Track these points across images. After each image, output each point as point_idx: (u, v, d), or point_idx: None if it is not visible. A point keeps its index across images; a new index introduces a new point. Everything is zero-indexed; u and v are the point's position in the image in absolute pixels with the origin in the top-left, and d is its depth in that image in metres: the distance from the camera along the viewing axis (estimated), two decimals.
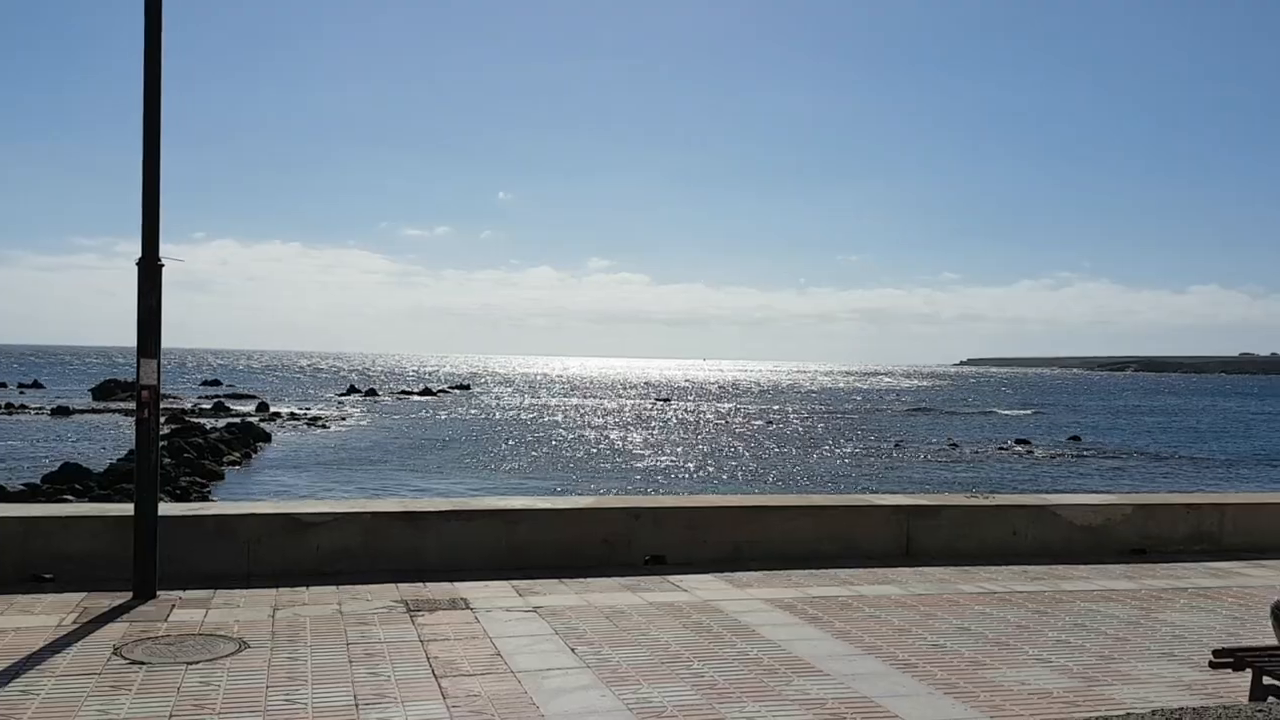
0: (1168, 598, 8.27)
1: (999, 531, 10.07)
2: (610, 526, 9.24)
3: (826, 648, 6.55)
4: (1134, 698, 5.61)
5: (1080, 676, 6.05)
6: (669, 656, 6.25)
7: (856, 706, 5.41)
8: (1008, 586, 8.56)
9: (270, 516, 8.65)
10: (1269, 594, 8.38)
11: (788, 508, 10.13)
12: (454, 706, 5.27)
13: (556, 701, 5.37)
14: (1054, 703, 5.54)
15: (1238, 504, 11.09)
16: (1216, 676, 5.54)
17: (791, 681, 5.81)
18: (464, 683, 5.66)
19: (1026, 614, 7.62)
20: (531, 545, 8.93)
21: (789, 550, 9.46)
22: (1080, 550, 10.04)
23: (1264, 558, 10.05)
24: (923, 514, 10.04)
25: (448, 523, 8.86)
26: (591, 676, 5.81)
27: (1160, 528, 10.41)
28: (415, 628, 6.81)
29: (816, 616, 7.37)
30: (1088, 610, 7.77)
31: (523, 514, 9.12)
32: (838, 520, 9.88)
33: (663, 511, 9.57)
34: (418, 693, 5.49)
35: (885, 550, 9.75)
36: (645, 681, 5.73)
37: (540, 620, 7.07)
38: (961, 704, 5.49)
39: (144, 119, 7.46)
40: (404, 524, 8.78)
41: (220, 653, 6.17)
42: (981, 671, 6.11)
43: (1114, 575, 9.13)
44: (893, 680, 5.89)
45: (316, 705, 5.29)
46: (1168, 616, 7.62)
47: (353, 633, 6.66)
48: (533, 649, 6.35)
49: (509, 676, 5.79)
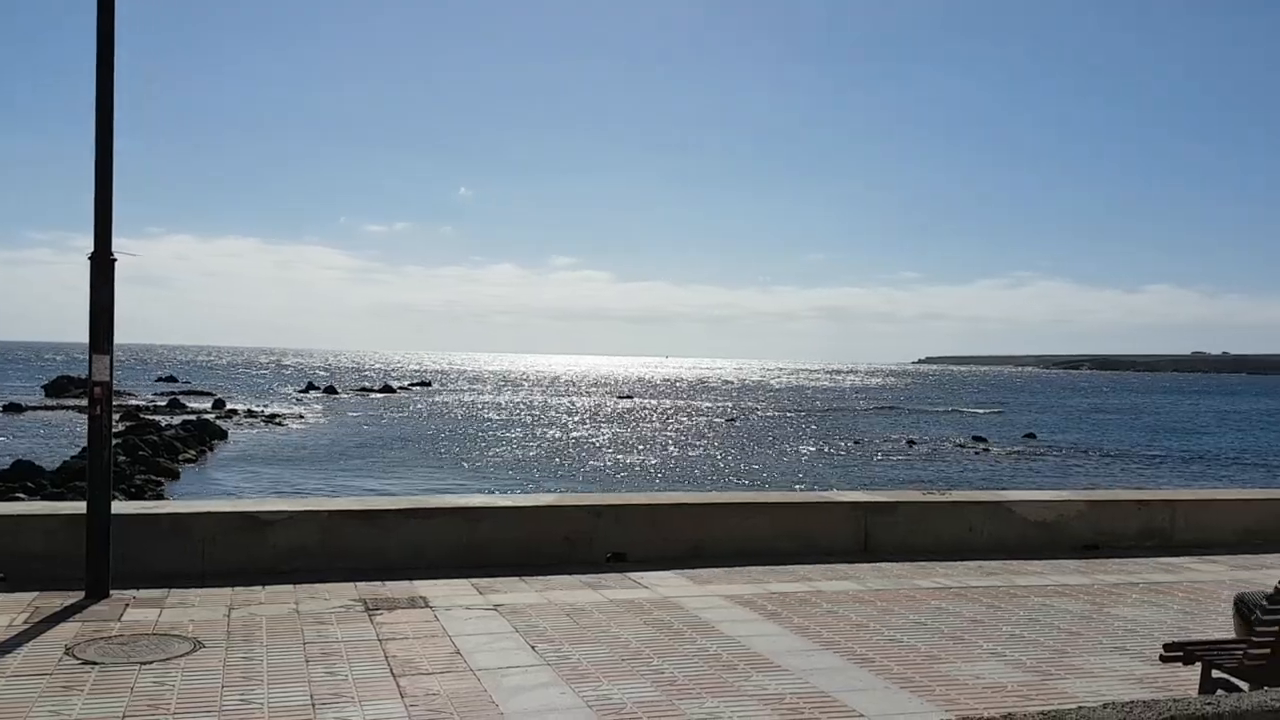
0: (1120, 593, 8.41)
1: (955, 528, 10.20)
2: (572, 524, 9.24)
3: (785, 643, 6.60)
4: (1086, 691, 5.70)
5: (1034, 670, 6.15)
6: (629, 653, 6.26)
7: (814, 701, 5.46)
8: (963, 582, 8.67)
9: (226, 515, 8.56)
10: (1219, 589, 8.57)
11: (748, 505, 10.20)
12: (412, 705, 5.25)
13: (516, 699, 5.37)
14: (1008, 696, 5.62)
15: (1188, 500, 11.30)
16: (1167, 670, 5.64)
17: (750, 677, 5.85)
18: (423, 681, 5.64)
19: (981, 609, 7.72)
20: (492, 543, 8.91)
21: (749, 547, 9.51)
22: (1035, 546, 10.19)
23: (1213, 553, 10.25)
24: (881, 511, 10.14)
25: (407, 521, 8.81)
26: (552, 674, 5.81)
27: (1113, 524, 10.59)
28: (373, 626, 6.77)
29: (776, 612, 7.42)
30: (1041, 605, 7.89)
31: (483, 512, 9.09)
32: (797, 517, 9.95)
33: (624, 509, 9.59)
34: (375, 692, 5.46)
35: (844, 547, 9.83)
36: (605, 679, 5.74)
37: (501, 618, 7.06)
38: (917, 698, 5.55)
39: (96, 112, 7.36)
40: (362, 522, 8.72)
41: (174, 652, 6.10)
42: (937, 665, 6.19)
43: (1067, 570, 9.28)
44: (850, 675, 5.95)
45: (272, 705, 5.24)
46: (1120, 611, 7.75)
47: (310, 632, 6.61)
48: (492, 647, 6.33)
49: (468, 675, 5.77)
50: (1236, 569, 9.47)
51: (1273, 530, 10.90)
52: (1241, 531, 10.88)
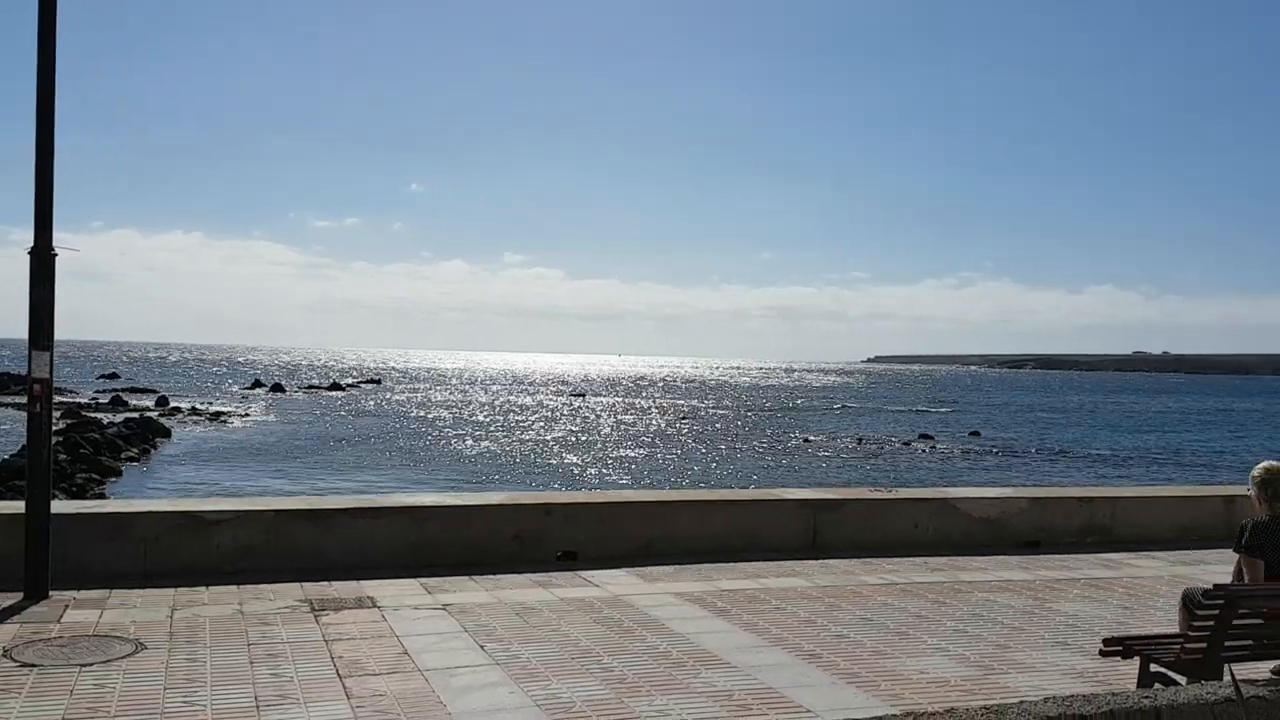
0: (1061, 588, 8.58)
1: (902, 524, 10.33)
2: (522, 523, 9.21)
3: (734, 640, 6.64)
4: (1028, 685, 5.81)
5: (977, 665, 6.25)
6: (579, 652, 6.26)
7: (762, 697, 5.50)
8: (909, 578, 8.79)
9: (169, 514, 8.41)
10: (1158, 584, 8.78)
11: (698, 502, 10.24)
12: (358, 706, 5.20)
13: (464, 699, 5.34)
14: (952, 691, 5.70)
15: (1128, 497, 11.55)
16: (1107, 664, 5.75)
17: (700, 674, 5.87)
18: (369, 682, 5.59)
19: (927, 604, 7.83)
20: (441, 542, 8.85)
21: (699, 544, 9.56)
22: (979, 542, 10.36)
23: (1153, 549, 10.49)
24: (829, 508, 10.24)
25: (354, 520, 8.72)
26: (500, 674, 5.79)
27: (1054, 520, 10.79)
28: (320, 627, 6.70)
29: (725, 609, 7.46)
30: (985, 600, 8.02)
31: (432, 511, 9.03)
32: (747, 514, 10.01)
33: (575, 507, 9.59)
34: (321, 693, 5.40)
35: (793, 544, 9.92)
36: (555, 678, 5.73)
37: (449, 618, 7.02)
38: (863, 693, 5.62)
39: (37, 103, 7.22)
40: (308, 522, 8.62)
41: (115, 654, 5.98)
42: (883, 661, 6.27)
43: (1010, 566, 9.44)
44: (797, 671, 6.00)
45: (216, 707, 5.16)
46: (1061, 606, 7.90)
47: (254, 633, 6.52)
48: (441, 647, 6.30)
49: (416, 675, 5.73)
50: (1175, 565, 9.70)
51: (1210, 527, 11.18)
52: (1180, 528, 11.15)
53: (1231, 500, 11.48)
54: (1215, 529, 11.14)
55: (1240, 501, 11.27)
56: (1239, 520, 11.07)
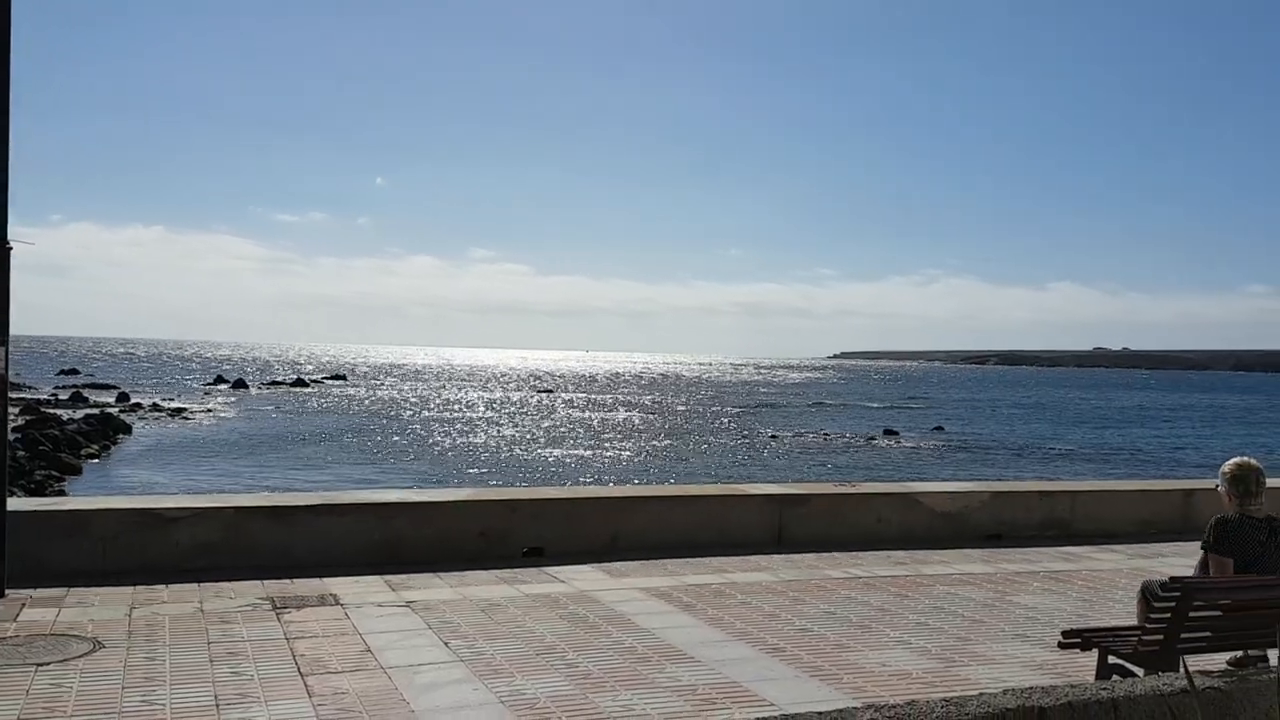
0: (1021, 581, 8.68)
1: (865, 519, 10.40)
2: (487, 519, 9.18)
3: (699, 634, 6.66)
4: (988, 678, 5.87)
5: (938, 657, 6.31)
6: (544, 648, 6.25)
7: (726, 691, 5.52)
8: (872, 571, 8.85)
9: (128, 511, 8.31)
10: (1116, 577, 8.90)
11: (665, 498, 10.25)
12: (320, 705, 5.16)
13: (428, 697, 5.31)
14: (913, 683, 5.75)
15: (1087, 491, 11.70)
16: (1066, 656, 5.83)
17: (664, 669, 5.88)
18: (331, 680, 5.55)
19: (889, 598, 7.89)
20: (405, 539, 8.80)
21: (666, 540, 9.58)
22: (941, 536, 10.45)
23: (1112, 543, 10.63)
24: (794, 503, 10.29)
25: (317, 517, 8.66)
26: (465, 670, 5.76)
27: (1015, 514, 10.91)
28: (281, 625, 6.64)
29: (690, 604, 7.48)
30: (946, 594, 8.10)
31: (396, 508, 8.98)
32: (713, 510, 10.04)
33: (541, 503, 9.57)
34: (282, 691, 5.35)
35: (758, 538, 9.96)
36: (519, 674, 5.72)
37: (413, 615, 6.98)
38: (826, 686, 5.65)
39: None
40: (270, 519, 8.54)
41: (73, 653, 5.90)
42: (846, 654, 6.31)
43: (972, 559, 9.54)
44: (761, 665, 6.03)
45: (175, 706, 5.10)
46: (1021, 599, 7.99)
47: (214, 631, 6.45)
48: (404, 644, 6.26)
49: (379, 673, 5.69)
50: (1134, 558, 9.83)
51: (1168, 520, 11.36)
52: (1138, 522, 11.31)
53: (1190, 494, 11.66)
54: (1173, 523, 11.32)
55: (1199, 496, 11.46)
56: (1197, 514, 11.34)
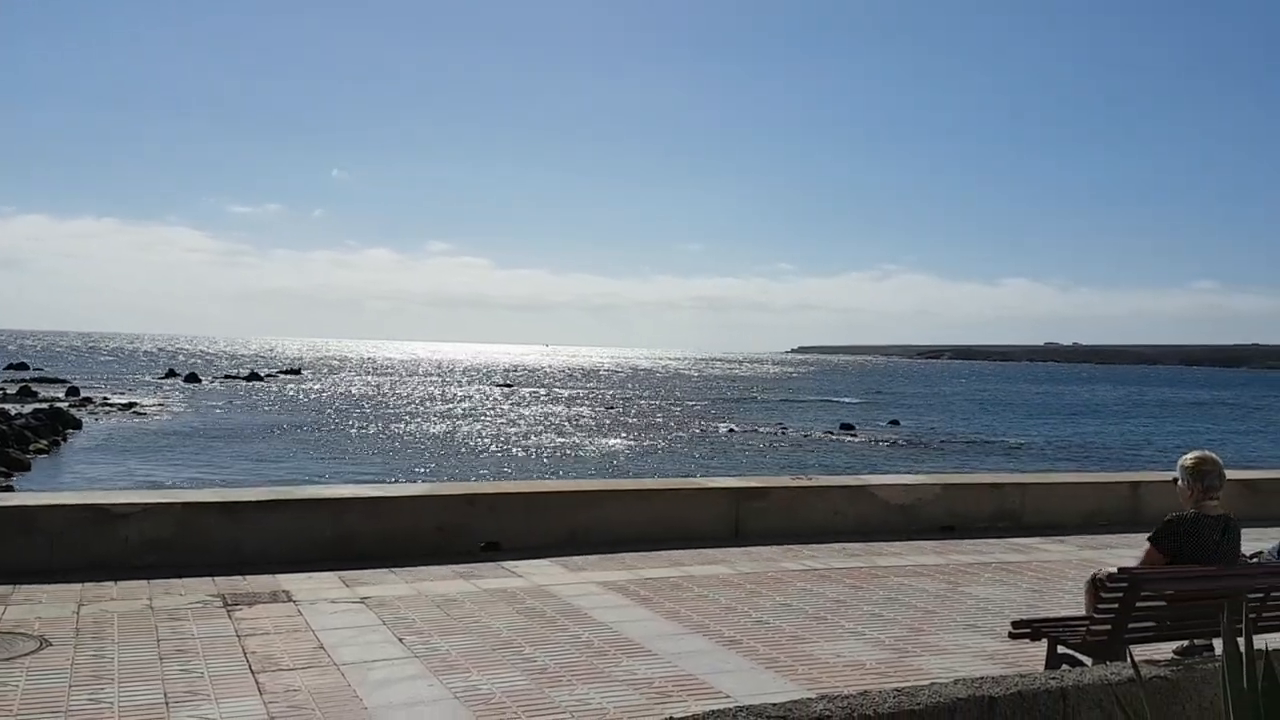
0: (973, 572, 8.79)
1: (822, 511, 10.48)
2: (444, 514, 9.12)
3: (656, 628, 6.67)
4: (940, 668, 5.94)
5: (891, 648, 6.37)
6: (500, 643, 6.23)
7: (682, 684, 5.53)
8: (828, 563, 8.92)
9: (76, 508, 8.16)
10: (1065, 568, 9.04)
11: (623, 492, 10.25)
12: (271, 702, 5.10)
13: (381, 693, 5.27)
14: (867, 674, 5.81)
15: (1037, 484, 11.87)
16: (1016, 646, 5.90)
17: (621, 663, 5.89)
18: (283, 677, 5.48)
19: (844, 589, 7.96)
20: (360, 535, 8.71)
21: (624, 533, 9.57)
22: (895, 528, 10.55)
23: (1061, 534, 10.79)
24: (751, 496, 10.34)
25: (269, 513, 8.55)
26: (419, 666, 5.73)
27: (967, 506, 11.05)
28: (232, 622, 6.55)
29: (648, 598, 7.49)
30: (900, 585, 8.18)
31: (350, 503, 8.89)
32: (671, 504, 10.05)
33: (499, 497, 9.52)
34: (233, 689, 5.28)
35: (716, 532, 9.99)
36: (475, 669, 5.69)
37: (368, 611, 6.91)
38: (781, 678, 5.69)
39: None
40: (221, 514, 8.42)
41: (19, 651, 5.78)
42: (801, 646, 6.35)
43: (925, 551, 9.64)
44: (718, 657, 6.05)
45: (123, 704, 5.02)
46: (973, 590, 8.10)
47: (164, 629, 6.35)
48: (358, 640, 6.21)
49: (332, 669, 5.64)
50: (1083, 549, 9.99)
51: (1115, 512, 11.56)
52: (1087, 513, 11.50)
53: (1137, 486, 11.88)
54: (1121, 514, 11.52)
55: (1146, 488, 11.67)
56: (1145, 506, 11.54)
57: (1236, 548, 5.63)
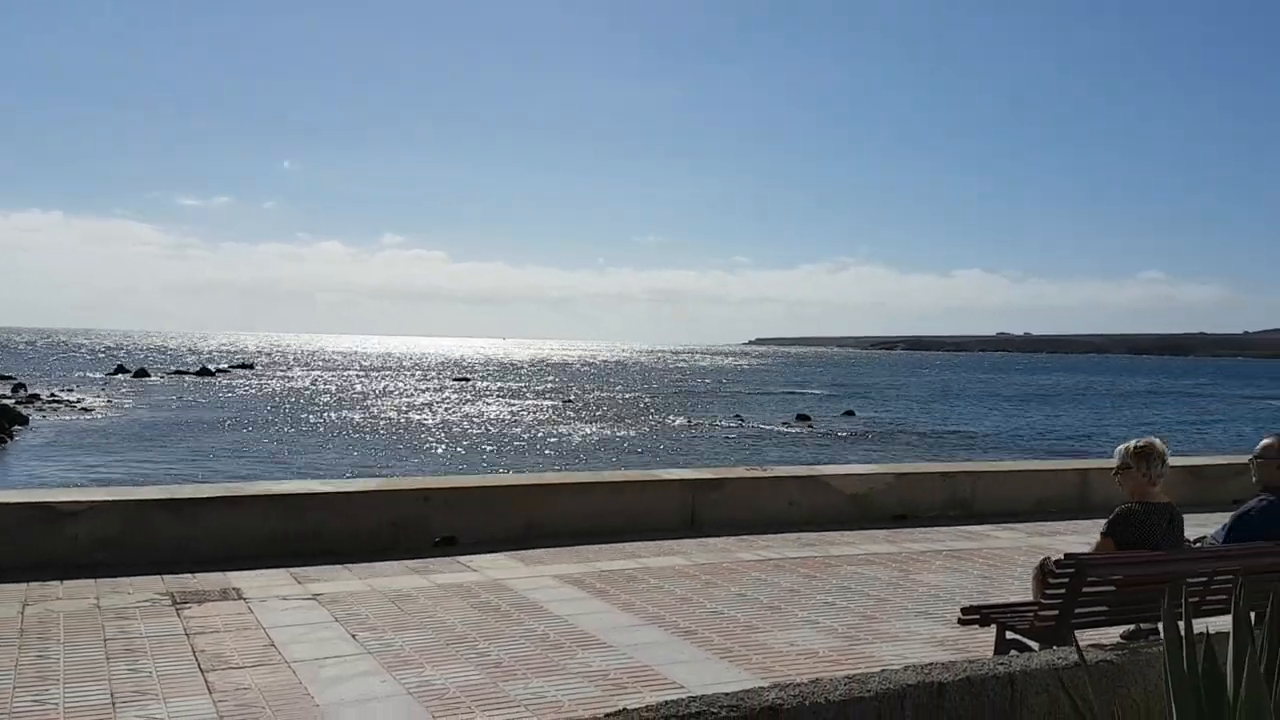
0: (925, 560, 8.90)
1: (776, 502, 10.55)
2: (399, 509, 9.05)
3: (611, 620, 6.68)
4: (891, 654, 6.00)
5: (844, 636, 6.44)
6: (454, 638, 6.20)
7: (636, 675, 5.55)
8: (782, 553, 8.98)
9: (21, 505, 7.99)
10: (1015, 554, 9.18)
11: (579, 485, 10.23)
12: (220, 701, 5.03)
13: (333, 690, 5.22)
14: (820, 662, 5.86)
15: (988, 472, 12.05)
16: (966, 633, 5.97)
17: (576, 655, 5.89)
18: (233, 675, 5.41)
19: (798, 578, 8.02)
20: (312, 531, 8.62)
21: (580, 526, 9.58)
22: (849, 517, 10.66)
23: (1011, 521, 10.97)
24: (707, 487, 10.38)
25: (219, 510, 8.43)
26: (372, 663, 5.68)
27: (919, 495, 11.19)
28: (181, 620, 6.46)
29: (603, 590, 7.49)
30: (853, 573, 8.26)
31: (303, 499, 8.79)
32: (627, 496, 10.07)
33: (454, 492, 9.47)
34: (181, 688, 5.20)
35: (672, 523, 10.03)
36: (429, 664, 5.66)
37: (320, 608, 6.85)
38: (735, 667, 5.72)
39: None
40: (169, 512, 8.29)
41: None
42: (755, 635, 6.39)
43: (878, 540, 9.75)
44: (673, 648, 6.07)
45: (68, 705, 4.93)
46: (924, 577, 8.20)
47: (111, 628, 6.25)
48: (310, 637, 6.14)
49: (283, 667, 5.58)
50: (1032, 535, 10.16)
51: (1063, 499, 11.76)
52: (1036, 501, 11.69)
53: (1085, 474, 12.10)
54: (1070, 502, 11.73)
55: (1094, 475, 11.89)
56: (1092, 493, 11.75)
57: (1181, 534, 5.74)
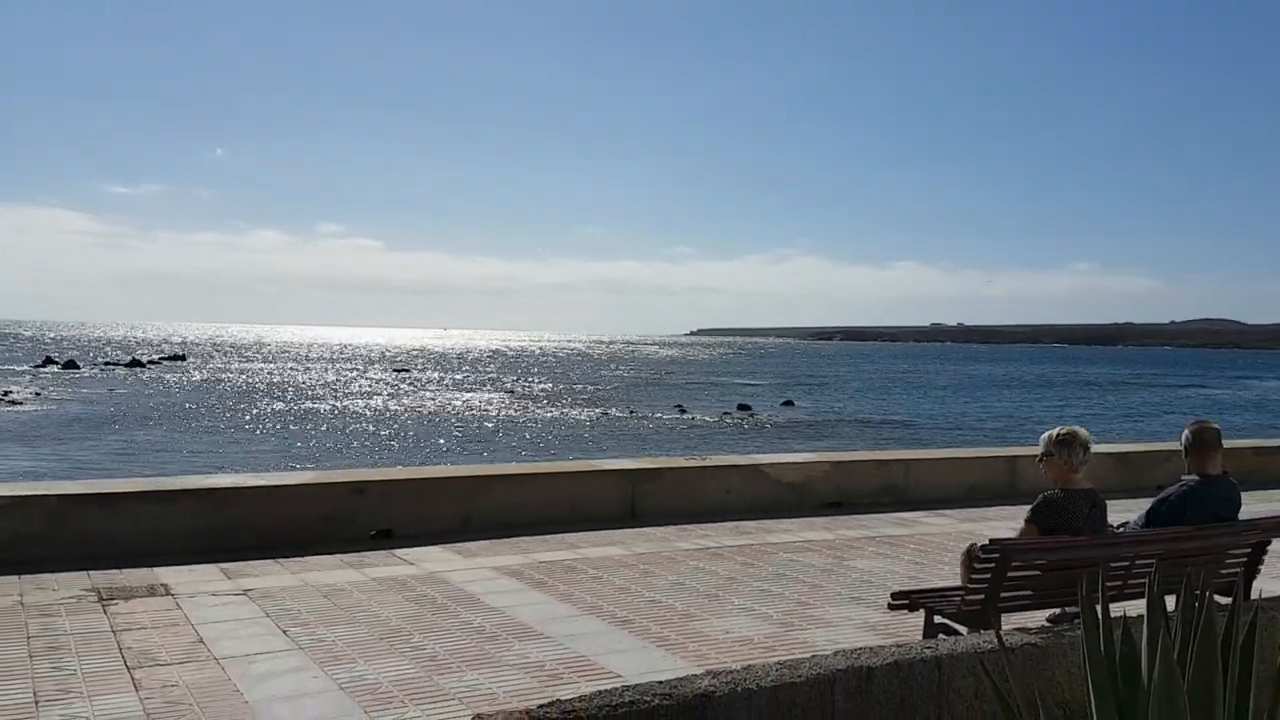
0: (859, 546, 9.03)
1: (715, 491, 10.62)
2: (332, 502, 8.94)
3: (549, 611, 6.67)
4: (824, 639, 6.08)
5: (779, 622, 6.51)
6: (388, 632, 6.14)
7: (573, 666, 5.55)
8: (720, 542, 9.05)
9: None
10: (946, 540, 9.35)
11: (518, 476, 10.20)
12: (148, 699, 4.93)
13: (263, 686, 5.15)
14: (755, 648, 5.92)
15: (920, 460, 12.25)
16: (897, 617, 6.07)
17: (512, 647, 5.87)
18: (160, 672, 5.31)
19: (735, 566, 8.09)
20: (243, 525, 8.48)
21: (519, 517, 9.54)
22: (786, 505, 10.77)
23: (943, 508, 11.17)
24: (647, 477, 10.41)
25: (148, 504, 8.25)
26: (304, 658, 5.61)
27: (855, 482, 11.34)
28: (107, 617, 6.32)
29: (542, 581, 7.48)
30: (789, 560, 8.35)
31: (232, 492, 8.64)
32: (567, 486, 10.06)
33: (390, 484, 9.37)
34: (107, 686, 5.09)
35: (612, 513, 10.03)
36: (362, 659, 5.60)
37: (250, 603, 6.74)
38: (672, 655, 5.75)
39: None
40: (96, 506, 8.10)
41: None
42: (692, 623, 6.44)
43: (814, 527, 9.87)
44: (611, 638, 6.09)
45: None
46: (858, 564, 8.32)
47: (35, 625, 6.09)
48: (239, 633, 6.05)
49: (211, 663, 5.48)
50: (962, 521, 10.36)
51: (993, 485, 12.01)
52: (967, 487, 11.92)
53: (1014, 460, 12.35)
54: (999, 488, 11.97)
55: (1022, 462, 12.14)
56: (1021, 479, 11.99)
57: (1104, 520, 5.88)
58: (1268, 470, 13.55)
